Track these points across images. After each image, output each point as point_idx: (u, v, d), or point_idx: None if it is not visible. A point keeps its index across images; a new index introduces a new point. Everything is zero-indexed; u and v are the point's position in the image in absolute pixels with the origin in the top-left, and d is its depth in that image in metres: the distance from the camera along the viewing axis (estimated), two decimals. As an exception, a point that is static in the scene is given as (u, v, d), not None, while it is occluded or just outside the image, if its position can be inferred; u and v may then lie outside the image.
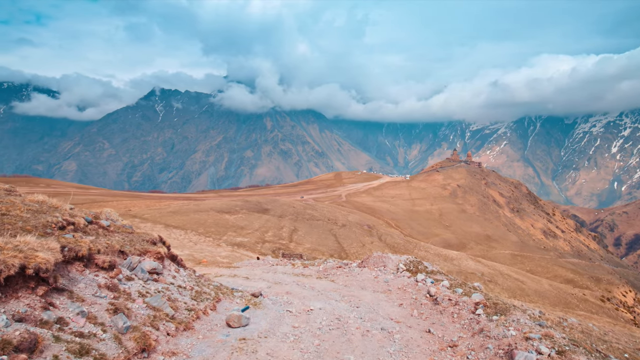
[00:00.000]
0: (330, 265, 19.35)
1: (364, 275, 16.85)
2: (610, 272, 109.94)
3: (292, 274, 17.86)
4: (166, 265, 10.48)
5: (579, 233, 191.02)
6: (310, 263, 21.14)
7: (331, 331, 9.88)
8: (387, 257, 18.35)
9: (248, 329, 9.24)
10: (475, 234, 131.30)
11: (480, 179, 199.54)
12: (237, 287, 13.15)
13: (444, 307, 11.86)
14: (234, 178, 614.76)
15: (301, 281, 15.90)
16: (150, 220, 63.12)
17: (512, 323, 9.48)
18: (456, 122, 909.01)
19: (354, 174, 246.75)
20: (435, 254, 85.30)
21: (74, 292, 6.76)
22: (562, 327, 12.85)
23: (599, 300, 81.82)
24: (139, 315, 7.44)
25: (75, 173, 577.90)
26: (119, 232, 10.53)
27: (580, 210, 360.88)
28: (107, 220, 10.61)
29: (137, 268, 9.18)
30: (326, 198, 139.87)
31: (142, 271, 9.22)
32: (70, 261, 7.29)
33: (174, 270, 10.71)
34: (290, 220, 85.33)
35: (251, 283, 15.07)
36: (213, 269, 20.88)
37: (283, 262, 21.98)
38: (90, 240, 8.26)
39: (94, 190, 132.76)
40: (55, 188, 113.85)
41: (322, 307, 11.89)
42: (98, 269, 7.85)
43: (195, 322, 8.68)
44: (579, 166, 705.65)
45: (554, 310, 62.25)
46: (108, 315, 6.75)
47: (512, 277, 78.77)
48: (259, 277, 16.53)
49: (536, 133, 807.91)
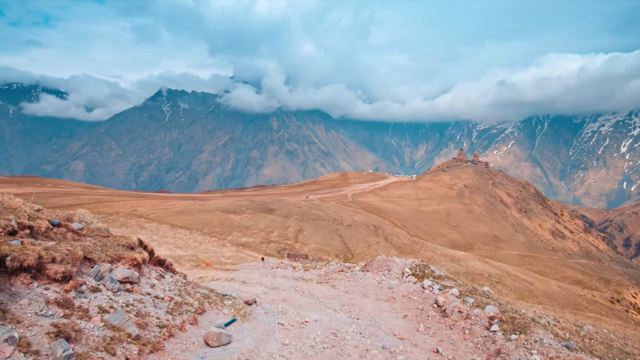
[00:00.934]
0: (332, 269, 18.57)
1: (367, 280, 16.01)
2: (619, 273, 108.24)
3: (291, 278, 17.20)
4: (145, 272, 9.54)
5: (587, 234, 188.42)
6: (311, 266, 20.26)
7: (325, 350, 8.85)
8: (391, 260, 17.54)
9: (229, 348, 8.13)
10: (483, 235, 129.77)
11: (488, 179, 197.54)
12: (230, 293, 12.43)
13: (454, 321, 10.68)
14: (240, 178, 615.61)
15: (300, 286, 15.18)
16: (155, 220, 62.43)
17: (535, 344, 8.29)
18: (463, 121, 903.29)
19: (360, 174, 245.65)
20: (442, 254, 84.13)
21: (10, 311, 5.69)
22: (580, 336, 11.81)
23: (609, 302, 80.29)
24: (91, 338, 6.30)
25: (83, 173, 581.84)
26: (93, 235, 9.60)
27: (589, 210, 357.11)
28: (79, 223, 9.70)
29: (106, 277, 8.20)
30: (332, 198, 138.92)
31: (112, 281, 8.25)
32: (15, 272, 6.28)
33: (155, 277, 9.76)
34: (296, 220, 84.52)
35: (247, 288, 14.43)
36: (211, 271, 20.40)
37: (284, 265, 21.23)
38: (46, 246, 7.24)
39: (101, 190, 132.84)
40: (62, 188, 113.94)
41: (319, 318, 10.93)
42: (50, 280, 6.80)
43: (168, 341, 7.59)
44: (588, 166, 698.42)
45: (563, 312, 60.85)
46: (48, 340, 5.59)
47: (520, 278, 77.46)
48: (256, 282, 15.91)
49: (544, 133, 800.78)
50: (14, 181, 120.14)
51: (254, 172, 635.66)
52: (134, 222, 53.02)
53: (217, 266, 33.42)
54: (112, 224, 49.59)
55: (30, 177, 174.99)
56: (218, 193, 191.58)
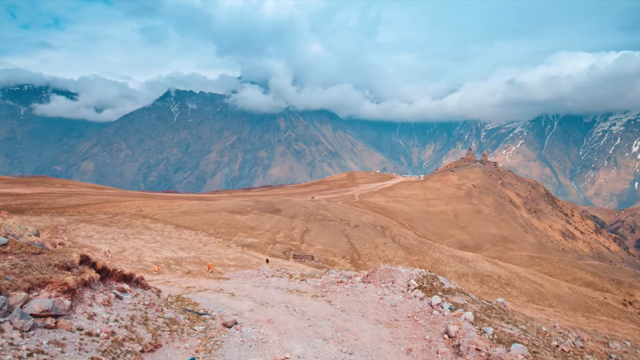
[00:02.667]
0: (331, 280, 17.24)
1: (368, 294, 14.66)
2: (631, 275, 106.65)
3: (285, 289, 15.98)
4: (86, 298, 7.77)
5: (598, 234, 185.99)
6: (310, 275, 19.34)
7: None
8: (396, 271, 16.16)
9: None
10: (491, 235, 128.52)
11: (496, 179, 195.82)
12: (212, 310, 11.37)
13: (470, 362, 8.92)
14: (248, 178, 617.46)
15: (292, 302, 13.86)
16: (160, 220, 62.43)
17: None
18: (471, 121, 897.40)
19: (367, 174, 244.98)
20: (450, 255, 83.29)
21: None
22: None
23: (621, 304, 78.90)
24: None
25: (92, 173, 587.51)
26: (19, 253, 7.94)
27: (599, 211, 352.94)
28: (4, 237, 8.24)
29: (14, 312, 6.42)
30: (339, 198, 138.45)
31: (23, 316, 6.44)
32: None
33: (102, 302, 7.94)
34: (302, 220, 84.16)
35: (234, 303, 13.29)
36: (201, 280, 19.43)
37: (280, 274, 20.03)
38: None
39: (109, 190, 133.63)
40: (70, 188, 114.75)
41: (302, 354, 9.28)
42: None
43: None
44: (598, 166, 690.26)
45: (575, 315, 59.84)
46: None
47: (530, 280, 76.41)
48: (246, 294, 14.78)
49: (554, 132, 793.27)
50: (22, 181, 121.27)
51: (261, 172, 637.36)
52: (139, 223, 52.98)
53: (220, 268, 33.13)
54: (117, 224, 49.58)
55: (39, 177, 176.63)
56: (225, 193, 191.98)
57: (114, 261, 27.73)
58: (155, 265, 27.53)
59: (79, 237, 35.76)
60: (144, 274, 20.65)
